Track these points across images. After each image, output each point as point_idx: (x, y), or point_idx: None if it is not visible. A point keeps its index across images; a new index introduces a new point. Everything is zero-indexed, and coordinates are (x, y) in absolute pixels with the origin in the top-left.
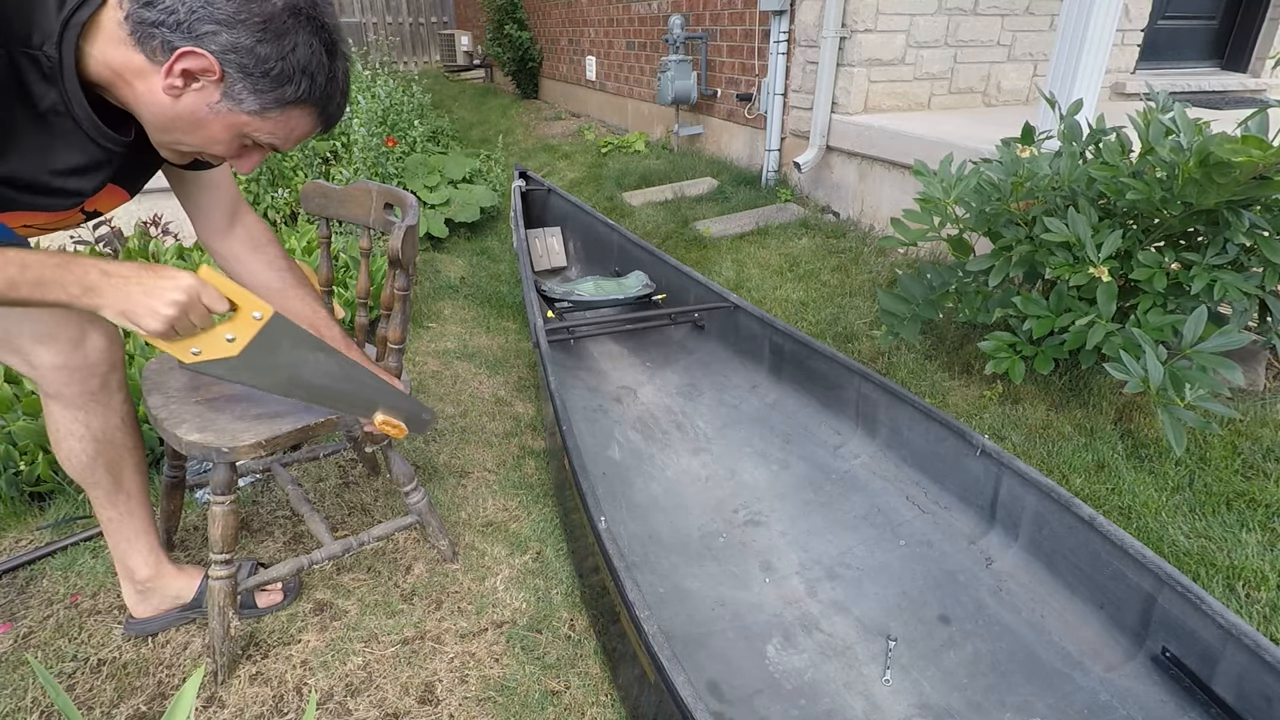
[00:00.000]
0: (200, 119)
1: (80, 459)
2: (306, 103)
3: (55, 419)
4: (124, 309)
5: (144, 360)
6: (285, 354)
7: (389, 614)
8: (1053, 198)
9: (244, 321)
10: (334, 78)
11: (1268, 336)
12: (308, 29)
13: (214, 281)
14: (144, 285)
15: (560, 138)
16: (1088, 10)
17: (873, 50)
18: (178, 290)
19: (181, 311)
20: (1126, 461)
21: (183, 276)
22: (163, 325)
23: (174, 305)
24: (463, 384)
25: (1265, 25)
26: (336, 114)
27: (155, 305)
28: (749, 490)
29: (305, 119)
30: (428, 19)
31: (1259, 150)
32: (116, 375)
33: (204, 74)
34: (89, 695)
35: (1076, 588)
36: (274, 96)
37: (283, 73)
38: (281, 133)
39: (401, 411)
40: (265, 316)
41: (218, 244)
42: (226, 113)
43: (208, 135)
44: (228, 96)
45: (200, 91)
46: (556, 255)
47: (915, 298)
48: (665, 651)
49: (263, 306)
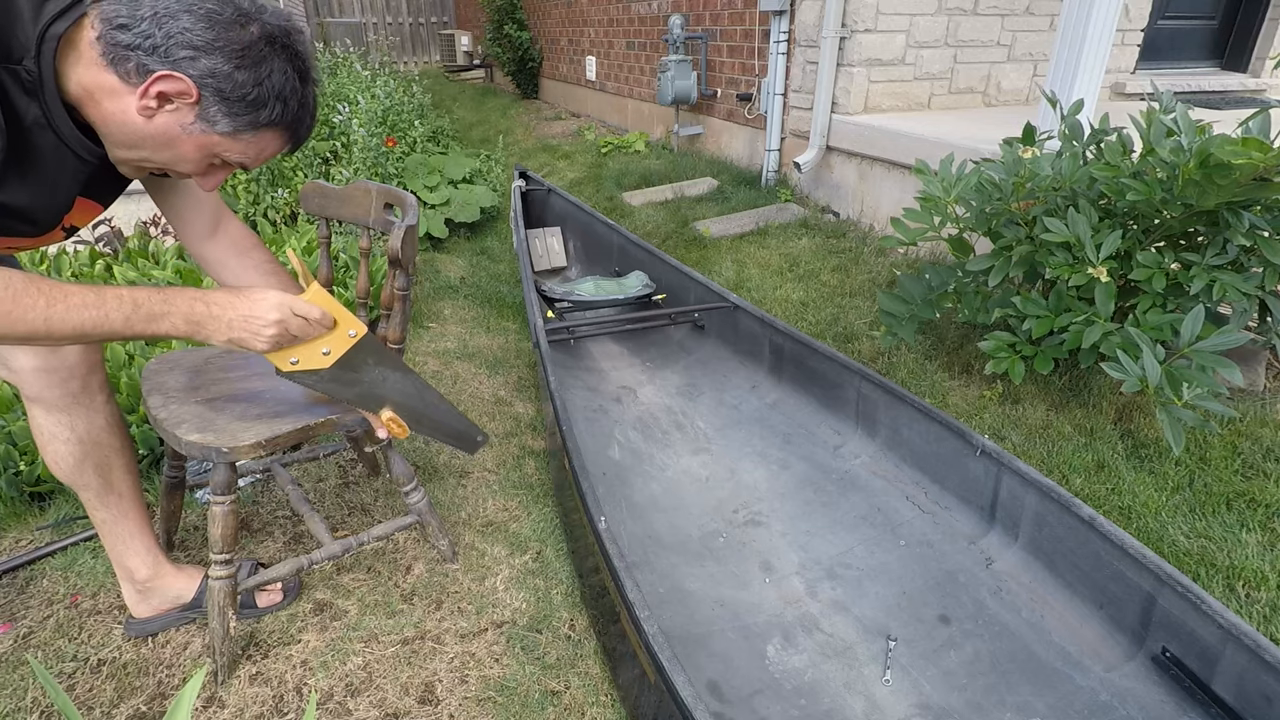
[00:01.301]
0: (172, 138)
1: (67, 461)
2: (279, 125)
3: (39, 422)
4: (230, 337)
5: (144, 360)
6: (369, 370)
7: (389, 614)
8: (1053, 198)
9: (339, 337)
10: (305, 103)
11: (1268, 336)
12: (282, 56)
13: (319, 300)
14: (241, 312)
15: (560, 138)
16: (1088, 10)
17: (873, 50)
18: (272, 310)
19: (282, 330)
20: (1126, 461)
21: (272, 295)
22: (269, 345)
23: (274, 325)
24: (463, 384)
25: (1265, 25)
26: (305, 135)
27: (257, 329)
28: (749, 490)
29: (275, 140)
30: (428, 19)
31: (1259, 152)
32: (97, 376)
33: (180, 97)
34: (89, 695)
35: (1076, 588)
36: (248, 120)
37: (259, 98)
38: (252, 153)
39: (458, 433)
40: (359, 335)
41: (202, 249)
42: (199, 134)
43: (177, 154)
44: (202, 118)
45: (174, 113)
46: (556, 255)
47: (914, 298)
48: (665, 651)
49: (358, 325)
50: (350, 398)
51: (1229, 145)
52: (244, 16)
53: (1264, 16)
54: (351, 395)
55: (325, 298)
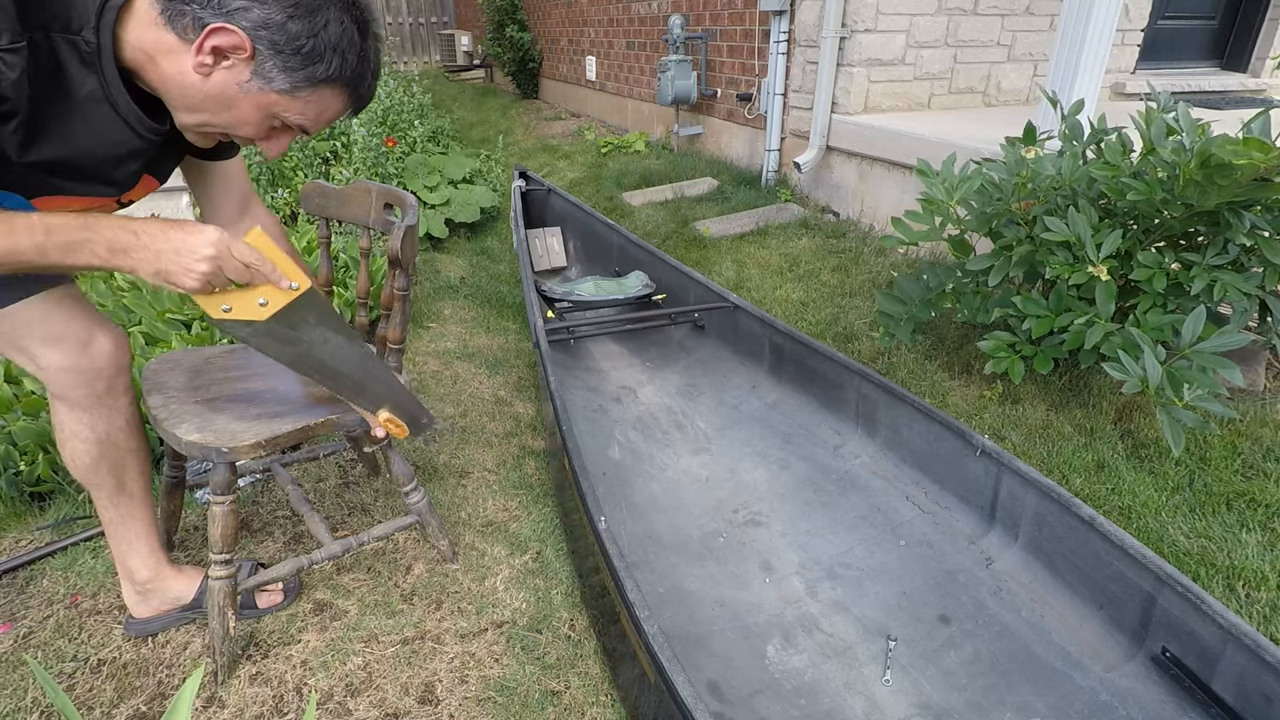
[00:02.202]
0: (230, 98)
1: (84, 460)
2: (337, 82)
3: (61, 420)
4: (157, 269)
5: (144, 360)
6: (309, 330)
7: (389, 614)
8: (1054, 197)
9: (279, 289)
10: (365, 57)
11: (1268, 336)
12: (339, 6)
13: (260, 245)
14: (173, 243)
15: (560, 138)
16: (1088, 10)
17: (873, 50)
18: (208, 245)
19: (215, 268)
20: (1126, 461)
21: (209, 231)
22: (199, 283)
23: (207, 260)
24: (463, 384)
25: (1265, 25)
26: (368, 94)
27: (188, 263)
28: (749, 490)
29: (336, 99)
30: (428, 19)
31: (1260, 153)
32: (123, 379)
33: (234, 51)
34: (89, 695)
35: (1076, 588)
36: (305, 75)
37: (314, 50)
38: (312, 113)
39: (405, 412)
40: (301, 288)
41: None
42: (257, 92)
43: (237, 115)
44: (258, 75)
45: (230, 70)
46: (556, 255)
47: (911, 298)
48: (665, 651)
49: (301, 278)
50: (286, 359)
51: (1230, 145)
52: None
53: (1264, 16)
54: (287, 356)
55: (268, 244)
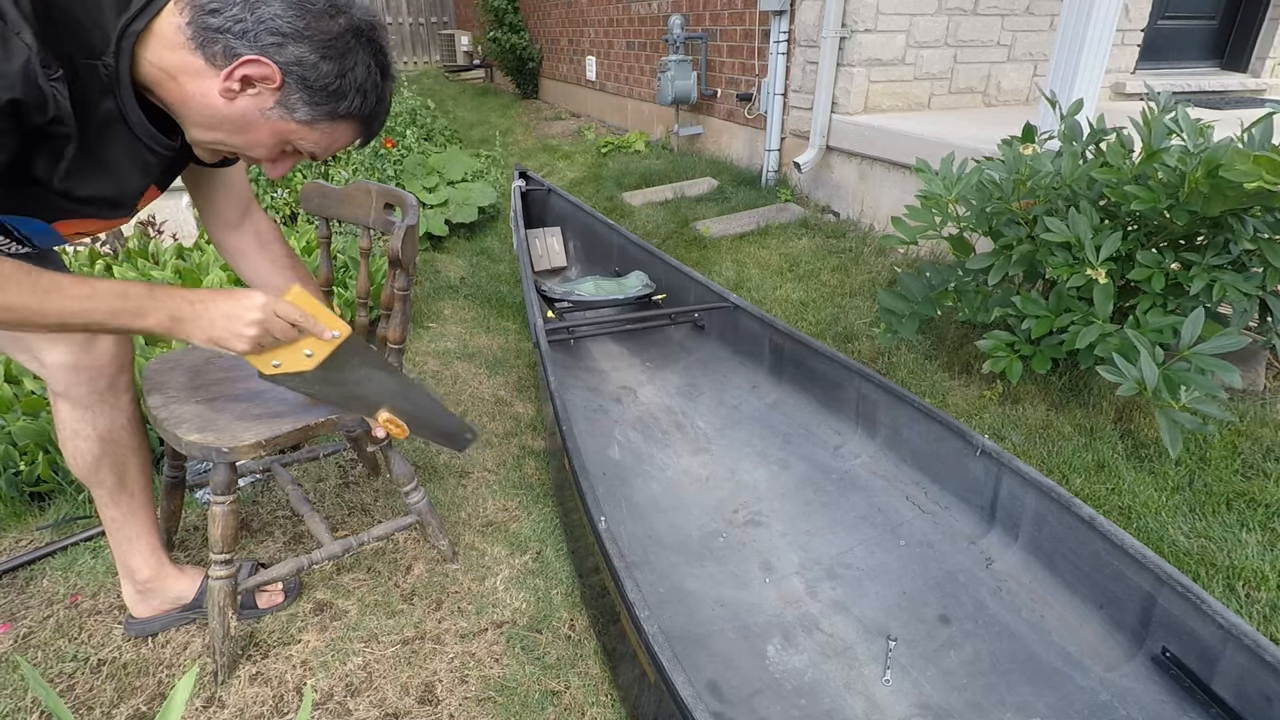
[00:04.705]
0: (249, 122)
1: (86, 458)
2: (355, 118)
3: (63, 418)
4: (210, 336)
5: (144, 361)
6: (354, 370)
7: (389, 614)
8: (1054, 197)
9: (322, 340)
10: (382, 97)
11: (1268, 337)
12: (367, 50)
13: (301, 303)
14: (223, 310)
15: (560, 138)
16: (1088, 10)
17: (873, 50)
18: (254, 309)
19: (263, 330)
20: (1126, 461)
21: (255, 296)
22: (249, 345)
23: (255, 325)
24: (463, 384)
25: (1265, 25)
26: (377, 129)
27: (238, 329)
28: (749, 490)
29: (349, 132)
30: (428, 19)
31: (1272, 175)
32: (125, 377)
33: (263, 81)
34: (89, 695)
35: (1076, 588)
36: (327, 110)
37: (340, 89)
38: (324, 143)
39: (445, 432)
40: (341, 336)
41: (226, 239)
42: (277, 120)
43: (252, 138)
44: (282, 104)
45: (255, 97)
46: (556, 255)
47: (915, 296)
48: (665, 651)
49: (342, 326)
50: (336, 400)
51: (1240, 164)
52: (334, 8)
53: (1264, 16)
54: (337, 397)
55: (307, 299)
